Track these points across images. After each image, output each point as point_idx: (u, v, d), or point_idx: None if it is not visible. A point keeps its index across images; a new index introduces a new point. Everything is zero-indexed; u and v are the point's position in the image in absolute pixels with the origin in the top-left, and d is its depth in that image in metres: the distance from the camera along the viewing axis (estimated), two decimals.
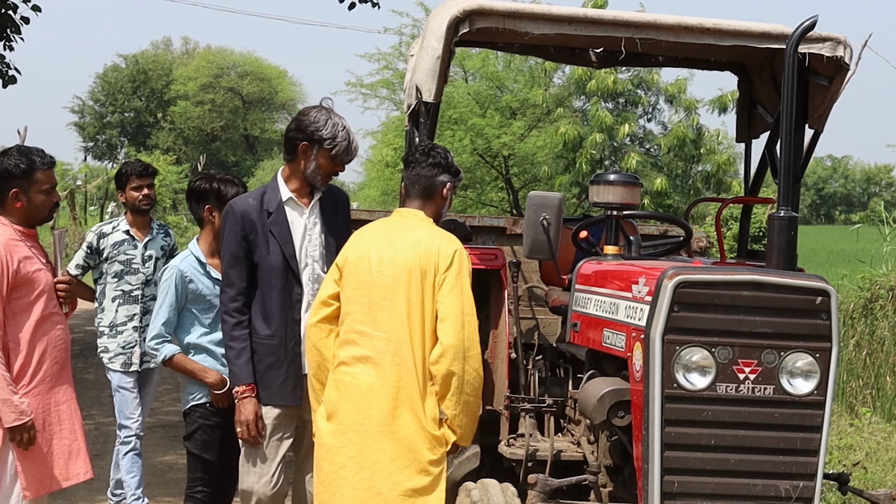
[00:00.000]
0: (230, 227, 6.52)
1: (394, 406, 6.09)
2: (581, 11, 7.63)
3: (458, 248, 6.27)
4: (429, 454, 6.10)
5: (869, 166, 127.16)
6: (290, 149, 6.57)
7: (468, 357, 6.08)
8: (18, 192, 6.38)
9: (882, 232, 19.72)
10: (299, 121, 6.57)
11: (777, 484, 6.17)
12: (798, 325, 6.14)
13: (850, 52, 7.50)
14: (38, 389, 6.35)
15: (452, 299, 6.13)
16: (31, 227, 6.52)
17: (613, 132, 28.05)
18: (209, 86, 79.99)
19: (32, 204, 6.45)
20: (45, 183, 6.49)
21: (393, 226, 6.46)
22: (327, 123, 6.46)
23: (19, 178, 6.37)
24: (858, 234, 26.13)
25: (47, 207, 6.55)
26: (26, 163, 6.40)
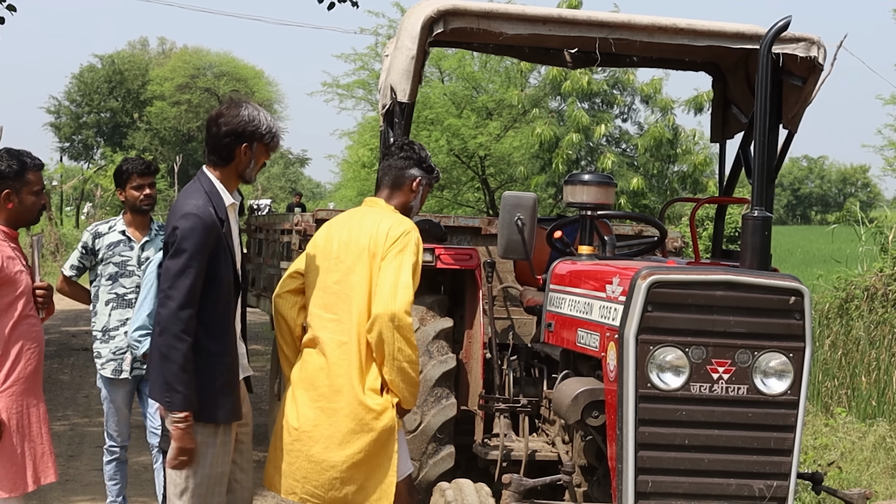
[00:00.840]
0: (202, 240, 5.94)
1: (340, 384, 6.21)
2: (555, 12, 7.65)
3: (407, 230, 6.30)
4: (372, 422, 6.15)
5: (845, 167, 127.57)
6: (226, 155, 6.18)
7: (398, 327, 6.07)
8: (10, 192, 6.39)
9: (857, 232, 19.77)
10: (231, 123, 6.18)
11: (751, 483, 6.19)
12: (772, 324, 6.17)
13: (824, 53, 7.53)
14: (13, 390, 6.31)
15: (388, 271, 6.18)
16: (16, 228, 6.52)
17: (590, 132, 28.06)
18: (185, 86, 79.78)
19: (23, 205, 6.45)
20: (36, 184, 6.50)
21: (357, 214, 6.57)
22: (259, 118, 6.26)
23: (11, 179, 6.38)
24: (834, 235, 26.19)
25: (36, 209, 6.56)
26: (18, 164, 6.41)
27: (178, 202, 6.11)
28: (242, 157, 6.19)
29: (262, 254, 11.49)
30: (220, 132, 6.18)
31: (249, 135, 6.18)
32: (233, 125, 6.17)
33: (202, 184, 6.18)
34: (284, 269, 9.34)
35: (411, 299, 6.13)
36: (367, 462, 6.18)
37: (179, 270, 5.87)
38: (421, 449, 7.71)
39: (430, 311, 7.96)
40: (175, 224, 5.93)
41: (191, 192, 6.13)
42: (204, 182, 6.19)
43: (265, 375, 15.02)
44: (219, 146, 6.19)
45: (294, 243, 9.04)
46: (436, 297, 8.21)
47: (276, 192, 79.21)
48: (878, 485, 9.80)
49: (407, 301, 6.10)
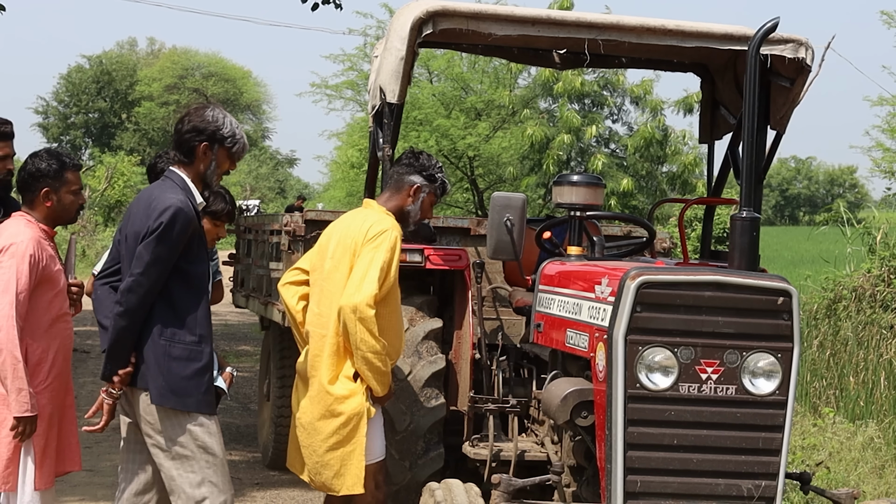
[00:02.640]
0: (182, 232, 6.04)
1: (313, 374, 6.75)
2: (544, 13, 7.66)
3: (387, 228, 6.66)
4: (338, 406, 6.61)
5: (833, 167, 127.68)
6: (187, 151, 6.27)
7: (360, 318, 6.43)
8: (49, 191, 6.49)
9: (845, 233, 19.80)
10: (195, 121, 6.28)
11: (739, 483, 6.21)
12: (760, 325, 6.19)
13: (812, 54, 7.56)
14: (53, 385, 6.46)
15: (359, 266, 6.59)
16: (54, 226, 6.65)
17: (581, 133, 28.09)
18: (174, 87, 79.75)
19: (62, 204, 6.55)
20: (75, 184, 6.61)
21: (353, 214, 7.00)
22: (225, 121, 6.29)
23: (51, 177, 6.48)
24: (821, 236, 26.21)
25: (75, 208, 6.67)
26: (57, 163, 6.52)
27: (152, 195, 6.19)
28: (202, 157, 6.27)
29: (251, 255, 11.49)
30: (184, 128, 6.29)
31: (210, 134, 6.27)
32: (195, 122, 6.28)
33: (175, 181, 6.27)
34: (273, 269, 9.38)
35: (375, 293, 6.48)
36: (339, 447, 6.62)
37: (154, 259, 6.00)
38: (410, 449, 7.72)
39: (419, 311, 7.97)
40: (157, 213, 6.00)
41: (166, 187, 6.22)
42: (176, 179, 6.28)
43: (254, 376, 15.06)
44: (181, 141, 6.31)
45: (283, 244, 9.04)
46: (425, 297, 8.23)
47: (264, 193, 79.09)
48: (866, 485, 9.82)
49: (370, 294, 6.44)
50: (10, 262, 6.25)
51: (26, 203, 6.57)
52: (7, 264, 6.25)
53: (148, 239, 5.99)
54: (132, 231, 6.14)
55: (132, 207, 6.37)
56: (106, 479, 10.08)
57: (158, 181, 6.41)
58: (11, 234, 6.38)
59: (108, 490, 9.91)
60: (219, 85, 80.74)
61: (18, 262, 6.25)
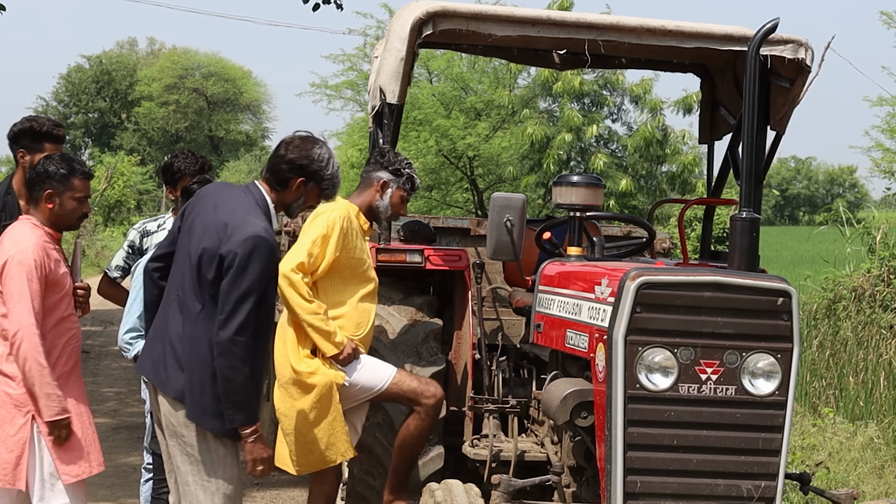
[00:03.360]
0: (267, 265, 5.93)
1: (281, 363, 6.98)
2: (544, 13, 7.67)
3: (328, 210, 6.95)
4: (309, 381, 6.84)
5: (832, 167, 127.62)
6: (282, 180, 6.21)
7: (290, 283, 6.73)
8: (52, 193, 6.50)
9: (844, 233, 19.80)
10: (300, 155, 6.23)
11: (739, 484, 6.22)
12: (760, 325, 6.19)
13: (812, 55, 7.56)
14: (59, 384, 6.42)
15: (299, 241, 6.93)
16: (58, 231, 6.65)
17: (582, 132, 28.08)
18: (173, 86, 79.74)
19: (63, 208, 6.56)
20: (80, 191, 6.61)
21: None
22: (330, 163, 6.28)
23: (56, 180, 6.50)
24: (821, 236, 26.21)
25: (76, 215, 6.67)
26: (67, 168, 6.54)
27: (234, 212, 6.00)
28: (295, 190, 6.22)
29: None
30: (285, 157, 6.23)
31: (312, 173, 6.24)
32: (300, 155, 6.23)
33: (258, 201, 6.17)
34: None
35: (302, 260, 6.75)
36: (321, 420, 6.83)
37: (243, 294, 5.82)
38: None
39: (419, 311, 7.97)
40: (239, 244, 5.82)
41: (250, 209, 6.07)
42: (260, 200, 6.18)
43: None
44: (279, 169, 6.23)
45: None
46: (425, 298, 8.23)
47: None
48: (866, 485, 9.83)
49: (297, 262, 6.72)
50: (18, 270, 6.27)
51: (32, 202, 6.62)
52: (16, 272, 6.27)
53: (231, 272, 5.82)
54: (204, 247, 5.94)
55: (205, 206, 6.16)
56: (106, 480, 10.09)
57: (239, 193, 6.23)
58: (17, 239, 6.39)
59: (108, 490, 9.96)
60: (219, 85, 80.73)
61: (27, 269, 6.26)
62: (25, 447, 6.34)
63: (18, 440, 6.34)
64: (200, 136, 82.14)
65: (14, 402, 6.35)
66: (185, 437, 6.03)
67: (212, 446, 6.02)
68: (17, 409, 6.34)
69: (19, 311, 6.22)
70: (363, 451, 7.67)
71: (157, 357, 6.13)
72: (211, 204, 6.14)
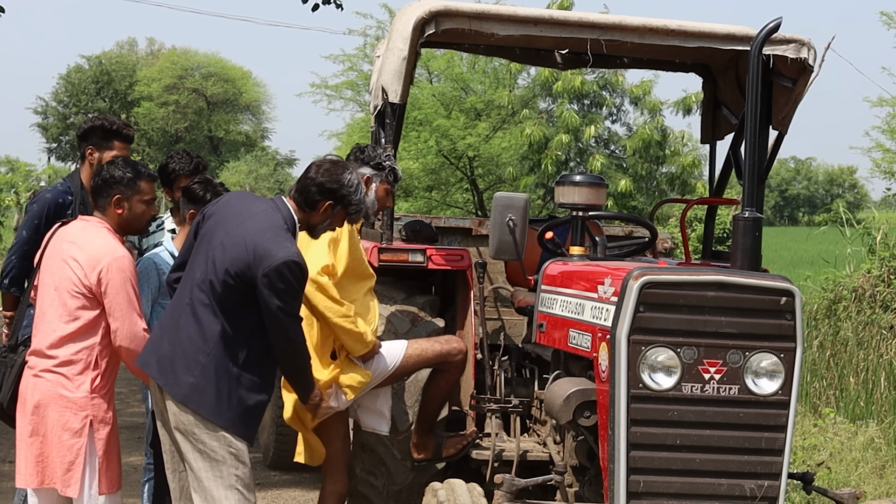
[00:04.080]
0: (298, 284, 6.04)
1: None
2: (547, 13, 7.67)
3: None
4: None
5: (832, 168, 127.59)
6: (310, 202, 6.27)
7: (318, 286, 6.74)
8: (121, 198, 6.49)
9: (845, 234, 19.80)
10: (330, 179, 6.28)
11: (742, 483, 6.21)
12: (763, 325, 6.19)
13: (814, 54, 7.56)
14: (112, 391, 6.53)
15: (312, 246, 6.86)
16: (124, 235, 6.70)
17: (580, 133, 28.07)
18: (173, 87, 79.68)
19: (133, 213, 6.56)
20: (148, 194, 6.62)
21: None
22: (358, 189, 6.33)
23: (124, 185, 6.49)
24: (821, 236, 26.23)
25: (146, 218, 6.68)
26: (133, 171, 6.54)
27: (264, 235, 6.03)
28: (322, 213, 6.27)
29: None
30: (316, 180, 6.28)
31: (340, 197, 6.29)
32: (330, 179, 6.27)
33: (286, 220, 6.22)
34: None
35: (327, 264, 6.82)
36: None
37: (293, 315, 6.03)
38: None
39: (421, 311, 7.97)
40: (280, 268, 5.88)
41: (279, 229, 6.12)
42: (287, 218, 6.23)
43: None
44: (308, 191, 6.28)
45: None
46: (427, 297, 8.23)
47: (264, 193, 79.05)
48: (867, 485, 9.83)
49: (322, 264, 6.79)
50: (120, 278, 6.27)
51: (98, 209, 6.55)
52: (118, 280, 6.27)
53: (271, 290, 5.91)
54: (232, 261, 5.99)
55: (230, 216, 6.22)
56: None
57: (269, 208, 6.26)
58: (108, 247, 6.35)
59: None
60: (218, 85, 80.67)
61: (131, 277, 6.32)
62: (80, 453, 6.29)
63: (72, 445, 6.29)
64: (200, 137, 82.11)
65: (71, 406, 6.29)
66: (197, 434, 6.04)
67: (225, 443, 6.05)
68: (74, 413, 6.28)
69: (133, 321, 6.30)
70: (365, 451, 7.68)
71: (163, 357, 6.13)
72: (238, 216, 6.16)
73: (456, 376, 7.49)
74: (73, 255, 6.35)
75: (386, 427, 7.36)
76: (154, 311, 7.32)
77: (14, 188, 37.16)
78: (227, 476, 6.05)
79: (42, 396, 6.32)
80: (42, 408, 6.32)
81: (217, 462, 6.05)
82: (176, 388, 6.08)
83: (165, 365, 6.11)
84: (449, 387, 7.54)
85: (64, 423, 6.28)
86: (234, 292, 5.96)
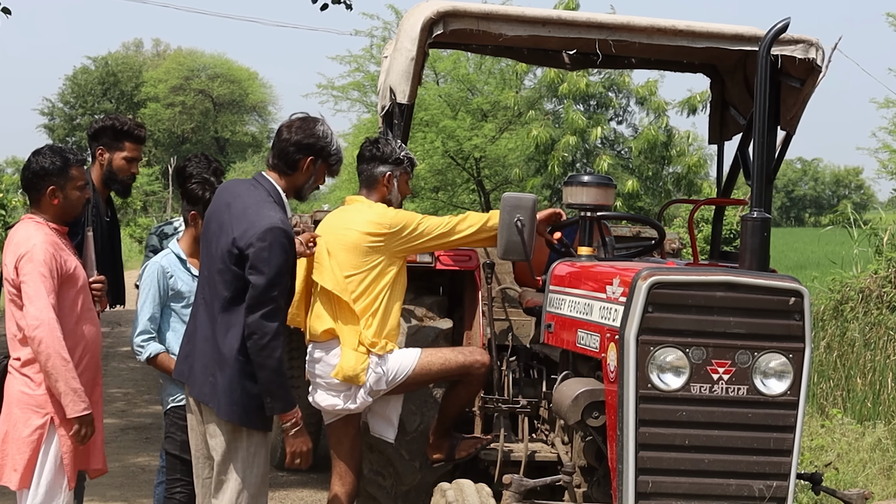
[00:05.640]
0: (288, 254, 6.03)
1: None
2: (555, 13, 7.66)
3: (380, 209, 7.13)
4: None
5: (838, 169, 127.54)
6: (291, 163, 6.25)
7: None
8: (55, 189, 6.47)
9: (851, 234, 19.81)
10: (304, 135, 6.28)
11: (751, 484, 6.20)
12: (771, 325, 6.18)
13: (823, 55, 7.55)
14: (81, 383, 6.40)
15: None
16: (64, 224, 6.62)
17: (586, 135, 28.08)
18: (179, 88, 79.87)
19: (68, 200, 6.52)
20: (80, 179, 6.57)
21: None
22: (333, 139, 6.34)
23: (55, 175, 6.45)
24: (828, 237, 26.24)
25: (81, 203, 6.65)
26: (61, 160, 6.50)
27: (247, 211, 6.06)
28: (304, 171, 6.28)
29: None
30: (291, 139, 6.27)
31: (319, 150, 6.29)
32: (305, 135, 6.27)
33: (269, 192, 6.23)
34: None
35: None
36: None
37: (271, 284, 5.92)
38: (420, 449, 7.72)
39: (429, 311, 7.97)
40: (261, 236, 5.90)
41: (262, 202, 6.14)
42: (271, 191, 6.24)
43: None
44: (285, 152, 6.28)
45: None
46: (435, 298, 8.23)
47: None
48: (874, 486, 9.82)
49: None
50: (29, 268, 6.23)
51: (33, 203, 6.55)
52: (27, 270, 6.23)
53: (254, 268, 5.90)
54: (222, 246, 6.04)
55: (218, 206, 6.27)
56: (115, 480, 10.11)
57: (248, 187, 6.29)
58: (22, 239, 6.36)
59: (117, 491, 9.96)
60: (224, 86, 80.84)
61: (37, 266, 6.23)
62: (35, 451, 6.31)
63: (31, 442, 6.31)
64: (206, 138, 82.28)
65: (31, 403, 6.32)
66: (215, 434, 6.12)
67: (242, 437, 6.11)
68: (35, 410, 6.31)
69: (38, 308, 6.18)
70: (373, 451, 7.68)
71: (187, 360, 6.29)
72: (223, 203, 6.24)
73: (477, 388, 7.47)
74: (5, 257, 6.42)
75: (392, 434, 7.35)
76: (164, 314, 7.32)
77: (21, 189, 37.15)
78: (241, 478, 6.11)
79: (9, 396, 6.40)
80: (8, 406, 6.40)
81: (233, 462, 6.11)
82: (193, 388, 6.20)
83: (186, 367, 6.25)
84: (469, 397, 7.53)
85: (24, 421, 6.32)
86: (238, 280, 5.99)
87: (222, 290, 6.04)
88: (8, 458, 6.34)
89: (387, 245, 6.99)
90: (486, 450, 7.66)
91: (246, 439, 6.12)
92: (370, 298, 6.95)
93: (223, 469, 6.14)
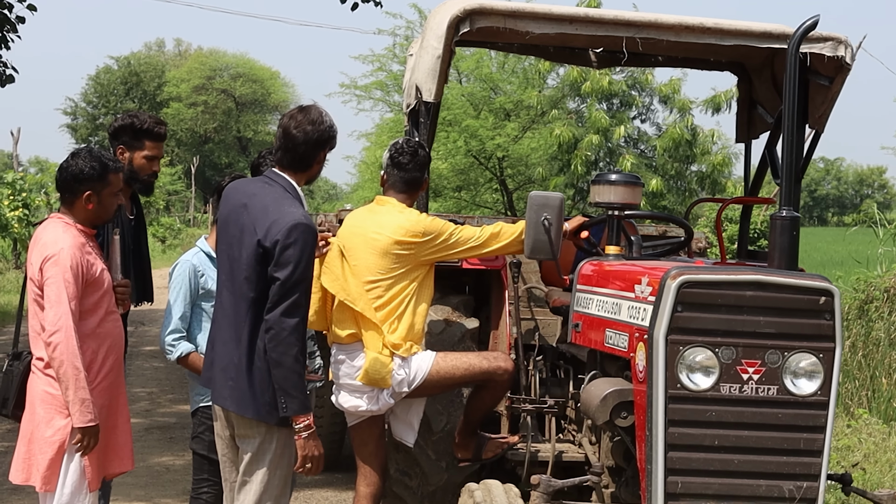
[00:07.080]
0: (312, 249, 6.05)
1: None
2: (582, 11, 7.62)
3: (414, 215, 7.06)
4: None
5: (862, 168, 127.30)
6: (308, 162, 6.29)
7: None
8: (92, 194, 6.48)
9: (877, 233, 19.73)
10: (312, 129, 6.25)
11: (781, 485, 6.16)
12: (801, 325, 6.14)
13: (852, 52, 7.50)
14: (103, 385, 6.48)
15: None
16: (94, 227, 6.65)
17: (609, 134, 28.01)
18: (202, 87, 80.00)
19: (103, 206, 6.56)
20: (116, 186, 6.61)
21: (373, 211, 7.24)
22: (333, 122, 6.36)
23: (94, 180, 6.47)
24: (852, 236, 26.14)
25: (114, 209, 6.69)
26: (100, 166, 6.50)
27: (268, 209, 6.06)
28: (318, 163, 6.35)
29: None
30: (301, 138, 6.25)
31: (328, 140, 6.35)
32: (314, 130, 6.27)
33: (286, 188, 6.24)
34: None
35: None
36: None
37: (296, 281, 5.93)
38: (447, 450, 7.70)
39: (455, 311, 7.95)
40: (286, 233, 5.91)
41: (280, 198, 6.15)
42: (287, 187, 6.25)
43: None
44: (302, 155, 6.28)
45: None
46: (461, 297, 8.21)
47: None
48: None
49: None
50: (55, 271, 6.24)
51: (65, 203, 6.55)
52: (52, 273, 6.24)
53: (279, 264, 5.92)
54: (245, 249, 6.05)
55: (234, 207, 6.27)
56: (139, 480, 10.12)
57: (263, 185, 6.29)
58: (50, 241, 6.36)
59: (141, 490, 9.95)
60: (247, 86, 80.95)
61: (63, 270, 6.23)
62: (60, 451, 6.33)
63: (53, 442, 6.33)
64: (229, 137, 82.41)
65: (55, 404, 6.33)
66: (247, 437, 6.16)
67: (272, 444, 6.14)
68: (59, 411, 6.32)
69: (57, 313, 6.19)
70: (399, 451, 7.66)
71: (209, 364, 6.35)
72: (238, 204, 6.25)
73: (501, 393, 7.38)
74: (31, 256, 6.43)
75: (412, 439, 7.32)
76: (194, 313, 7.31)
77: (44, 188, 37.28)
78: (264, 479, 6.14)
79: (33, 395, 6.42)
80: (32, 405, 6.42)
81: (257, 463, 6.14)
82: (217, 394, 6.23)
83: (208, 372, 6.29)
84: (493, 402, 7.46)
85: (48, 421, 6.34)
86: (263, 281, 5.99)
87: (248, 291, 6.03)
88: (33, 459, 6.37)
89: (417, 252, 6.93)
90: (512, 450, 7.63)
91: (277, 439, 6.12)
92: (395, 303, 6.91)
93: (249, 469, 6.16)
